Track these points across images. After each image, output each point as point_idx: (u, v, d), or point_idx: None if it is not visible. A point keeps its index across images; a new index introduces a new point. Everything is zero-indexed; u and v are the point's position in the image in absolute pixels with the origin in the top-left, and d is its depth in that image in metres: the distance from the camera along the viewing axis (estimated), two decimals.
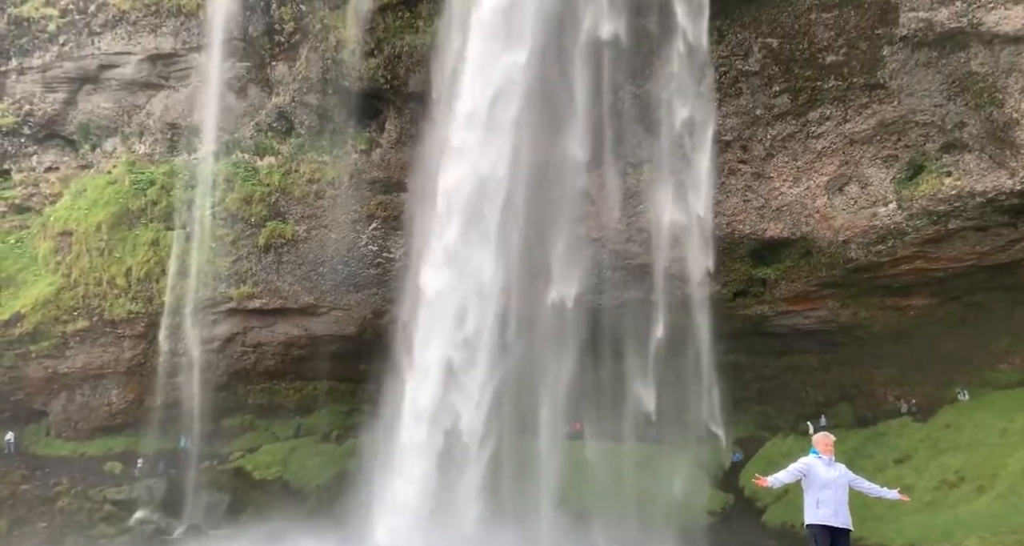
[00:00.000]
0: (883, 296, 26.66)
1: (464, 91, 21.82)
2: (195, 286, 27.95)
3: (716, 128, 22.48)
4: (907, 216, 23.92)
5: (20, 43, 32.34)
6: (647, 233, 23.81)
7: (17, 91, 32.60)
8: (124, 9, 29.56)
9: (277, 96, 27.61)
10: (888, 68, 22.31)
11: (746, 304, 26.53)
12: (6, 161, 33.59)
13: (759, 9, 22.36)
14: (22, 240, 33.07)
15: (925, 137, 23.24)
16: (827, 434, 7.99)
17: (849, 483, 7.62)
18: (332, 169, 26.93)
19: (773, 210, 24.69)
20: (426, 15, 23.97)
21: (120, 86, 30.52)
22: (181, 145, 29.65)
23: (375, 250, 27.56)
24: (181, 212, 28.61)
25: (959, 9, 20.71)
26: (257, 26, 27.06)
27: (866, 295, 26.68)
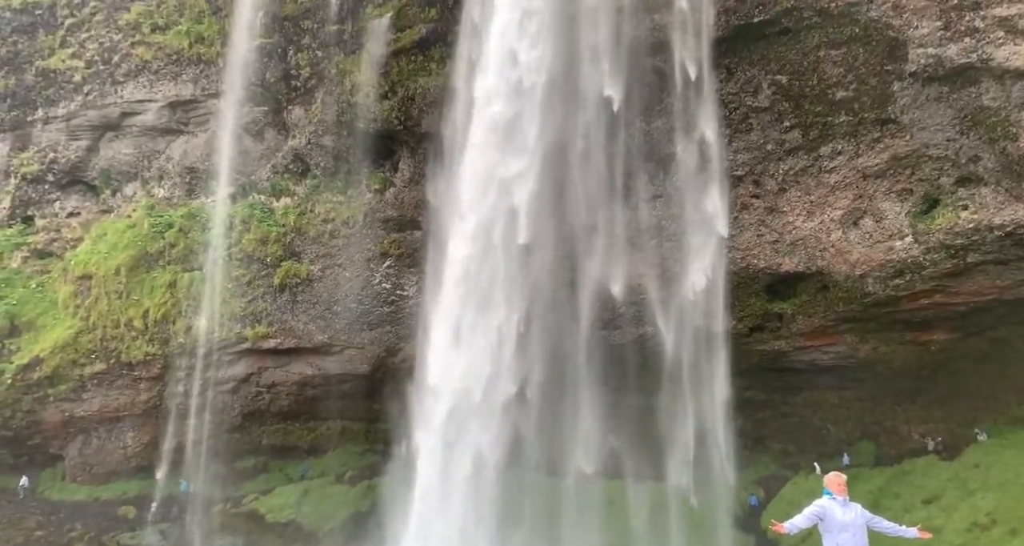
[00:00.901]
0: (903, 331, 26.26)
1: (475, 129, 22.17)
2: (211, 327, 28.13)
3: (727, 163, 22.58)
4: (924, 250, 23.65)
5: (47, 94, 33.37)
6: (661, 268, 23.77)
7: (43, 140, 33.52)
8: (147, 59, 30.52)
9: (293, 139, 28.21)
10: (899, 103, 22.34)
11: (763, 339, 26.24)
12: (30, 207, 34.35)
13: (767, 47, 22.63)
14: (43, 285, 33.57)
15: (939, 171, 23.13)
16: (839, 474, 7.73)
17: (867, 524, 7.38)
18: (347, 208, 27.30)
19: (787, 244, 24.57)
20: (438, 58, 24.54)
21: (141, 132, 31.32)
22: (199, 188, 30.24)
23: (388, 288, 27.64)
24: (198, 254, 28.99)
25: (968, 45, 20.73)
26: (274, 72, 27.82)
27: (885, 330, 26.30)
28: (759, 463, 27.48)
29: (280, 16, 27.95)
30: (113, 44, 31.89)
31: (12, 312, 32.96)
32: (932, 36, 20.91)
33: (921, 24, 20.82)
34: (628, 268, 23.67)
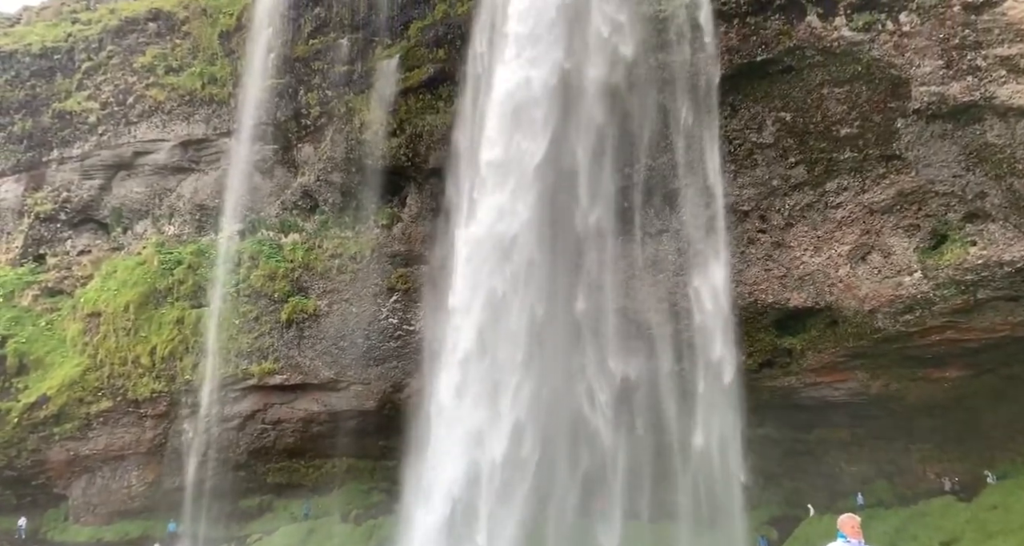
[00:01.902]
0: (915, 367, 25.94)
1: (483, 167, 22.45)
2: (218, 363, 28.13)
3: (733, 198, 22.69)
4: (933, 286, 23.49)
5: (62, 135, 34.02)
6: (668, 303, 23.72)
7: (57, 179, 34.05)
8: (160, 100, 31.20)
9: (302, 176, 28.61)
10: (903, 140, 22.46)
11: (773, 375, 25.97)
12: (42, 246, 34.71)
13: (771, 85, 22.89)
14: (52, 323, 33.71)
15: (946, 207, 23.11)
16: (852, 515, 7.51)
17: None
18: (354, 244, 27.52)
19: (795, 279, 24.48)
20: (446, 96, 25.02)
21: (153, 171, 31.85)
22: (208, 225, 30.58)
23: (395, 323, 27.64)
24: (207, 290, 29.15)
25: (971, 83, 20.88)
26: (285, 111, 28.39)
27: (897, 366, 25.98)
28: (771, 502, 26.94)
29: (291, 57, 28.61)
30: (128, 86, 32.61)
31: (21, 350, 33.05)
32: (934, 74, 21.12)
33: (923, 63, 21.06)
34: (635, 303, 23.66)
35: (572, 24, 22.51)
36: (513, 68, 22.44)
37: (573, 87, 22.35)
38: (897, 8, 21.05)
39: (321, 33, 28.28)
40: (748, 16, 22.28)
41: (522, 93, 22.52)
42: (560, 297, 22.44)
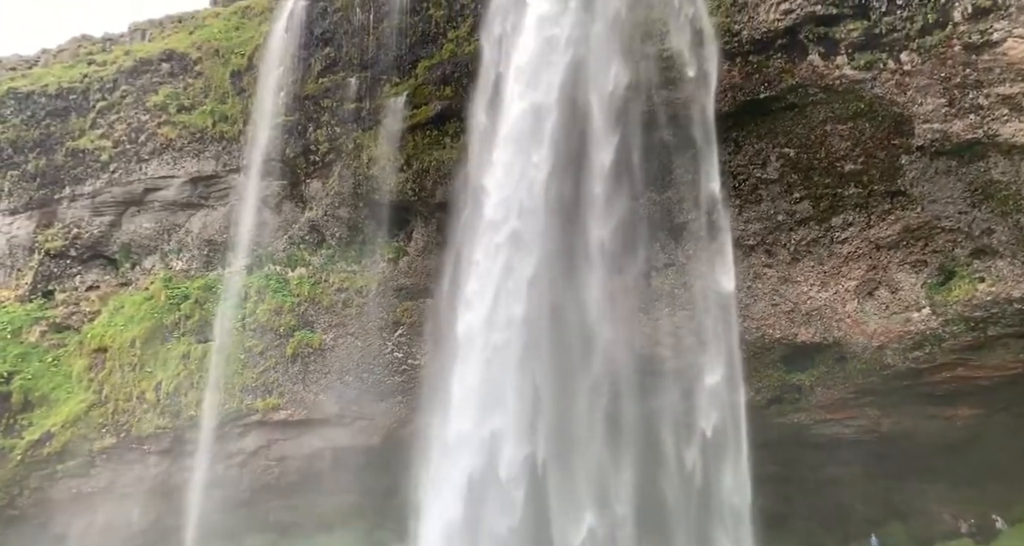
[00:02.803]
0: (926, 405, 25.64)
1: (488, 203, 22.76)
2: (222, 398, 28.05)
3: (739, 233, 22.79)
4: (942, 322, 23.38)
5: (75, 172, 34.52)
6: (675, 337, 23.64)
7: (68, 216, 34.42)
8: (171, 137, 31.77)
9: (310, 210, 28.96)
10: (908, 176, 22.59)
11: (782, 411, 25.71)
12: (51, 282, 34.90)
13: (774, 121, 23.14)
14: (59, 358, 33.68)
15: (953, 243, 23.12)
16: None
17: None
18: (360, 278, 27.67)
19: (803, 314, 24.40)
20: (453, 132, 25.43)
21: (162, 207, 32.24)
22: (216, 260, 30.81)
23: (400, 357, 27.57)
24: (213, 325, 29.23)
25: (973, 121, 21.02)
26: (294, 148, 28.86)
27: (908, 404, 25.67)
28: (782, 543, 26.36)
29: (301, 95, 29.15)
30: (140, 124, 33.19)
31: (27, 386, 32.98)
32: (937, 112, 21.29)
33: (925, 101, 21.27)
34: (642, 338, 23.62)
35: (574, 65, 22.92)
36: (516, 107, 22.75)
37: (576, 124, 22.65)
38: (898, 48, 21.31)
39: (330, 72, 28.89)
40: (750, 55, 22.63)
41: (525, 131, 22.86)
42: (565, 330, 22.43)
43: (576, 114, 22.61)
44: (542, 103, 22.58)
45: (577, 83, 22.85)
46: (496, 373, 22.11)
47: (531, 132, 22.92)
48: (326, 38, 29.26)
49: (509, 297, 22.22)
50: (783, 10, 22.21)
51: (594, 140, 22.56)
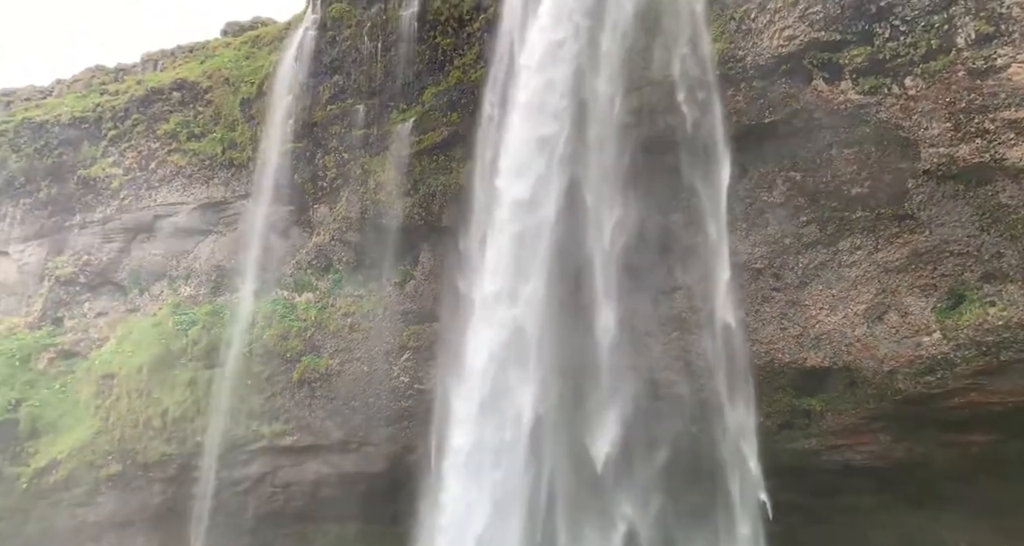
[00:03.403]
0: (939, 431, 25.19)
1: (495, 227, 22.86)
2: (228, 425, 27.99)
3: (745, 256, 22.75)
4: (954, 347, 23.06)
5: (86, 200, 34.97)
6: (684, 361, 23.48)
7: (78, 244, 34.79)
8: (181, 164, 32.24)
9: (317, 235, 29.17)
10: (915, 200, 22.50)
11: (793, 437, 25.34)
12: (60, 309, 35.16)
13: (779, 145, 23.17)
14: (67, 385, 33.79)
15: (962, 267, 22.90)
16: None
17: None
18: (367, 302, 27.72)
19: (812, 338, 24.18)
20: (459, 158, 25.69)
21: (171, 233, 32.58)
22: (224, 286, 31.01)
23: (407, 381, 27.44)
24: (220, 350, 29.28)
25: (980, 145, 20.98)
26: (302, 174, 29.19)
27: (921, 429, 25.26)
28: None
29: (310, 122, 29.56)
30: (151, 152, 33.70)
31: (34, 414, 33.05)
32: (943, 136, 21.29)
33: (931, 125, 21.29)
34: (650, 362, 23.48)
35: (578, 91, 23.15)
36: (520, 131, 22.98)
37: (582, 148, 22.80)
38: (902, 73, 21.42)
39: (339, 99, 29.30)
40: (755, 80, 22.80)
41: (530, 155, 23.05)
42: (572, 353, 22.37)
43: (580, 142, 22.79)
44: (546, 134, 22.76)
45: (579, 111, 23.09)
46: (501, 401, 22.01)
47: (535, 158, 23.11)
48: (335, 66, 29.72)
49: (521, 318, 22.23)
50: (786, 36, 22.43)
51: (600, 166, 22.69)
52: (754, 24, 22.73)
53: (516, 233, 22.83)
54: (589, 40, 23.01)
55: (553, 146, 22.57)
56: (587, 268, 22.48)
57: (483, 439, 21.83)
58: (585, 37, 23.03)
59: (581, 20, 23.05)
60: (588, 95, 22.87)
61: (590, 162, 22.56)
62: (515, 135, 23.36)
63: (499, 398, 21.91)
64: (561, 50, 23.23)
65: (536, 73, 23.56)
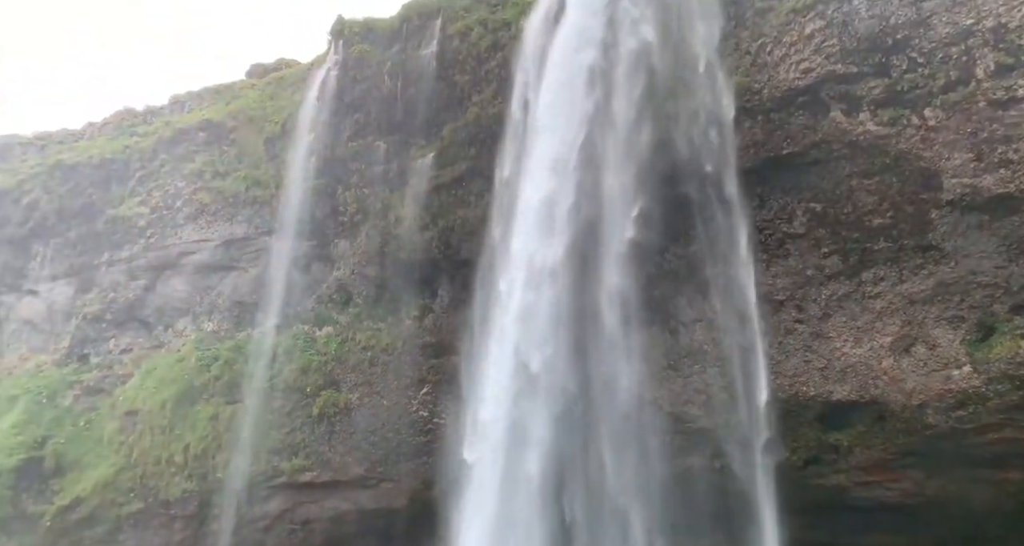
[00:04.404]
0: (973, 468, 24.39)
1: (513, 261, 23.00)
2: (249, 460, 27.96)
3: (767, 288, 22.51)
4: (985, 380, 22.47)
5: (113, 239, 35.72)
6: (705, 394, 23.13)
7: (105, 281, 35.45)
8: (206, 202, 32.93)
9: (338, 270, 29.46)
10: (939, 230, 22.19)
11: (820, 473, 24.68)
12: (86, 346, 35.65)
13: (799, 176, 23.10)
14: (91, 422, 34.07)
15: (991, 298, 22.44)
16: None
17: None
18: (387, 335, 27.77)
19: (837, 371, 23.72)
20: (477, 191, 25.94)
21: (196, 270, 33.09)
22: (246, 321, 31.29)
23: (425, 416, 27.28)
24: (241, 385, 29.42)
25: (1004, 176, 20.77)
26: (323, 209, 29.66)
27: (954, 466, 24.48)
28: None
29: (331, 159, 30.11)
30: (177, 191, 34.47)
31: (59, 451, 33.29)
32: (965, 167, 21.09)
33: (953, 156, 21.11)
34: (672, 395, 23.18)
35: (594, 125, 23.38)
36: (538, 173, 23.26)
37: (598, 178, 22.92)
38: (921, 104, 21.35)
39: (360, 136, 29.85)
40: (772, 112, 22.86)
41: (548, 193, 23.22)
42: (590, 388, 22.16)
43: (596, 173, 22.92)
44: (559, 153, 22.96)
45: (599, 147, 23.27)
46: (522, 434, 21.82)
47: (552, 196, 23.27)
48: (356, 105, 30.33)
49: (533, 356, 22.11)
50: (803, 69, 22.52)
51: (619, 198, 22.76)
52: (770, 57, 22.87)
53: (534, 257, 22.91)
54: (604, 73, 23.28)
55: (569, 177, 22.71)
56: (606, 298, 22.37)
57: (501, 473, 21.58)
58: (599, 71, 23.31)
59: (595, 54, 23.37)
60: (604, 128, 23.04)
61: (606, 193, 22.63)
62: (531, 167, 23.56)
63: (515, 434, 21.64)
64: (576, 84, 23.51)
65: (552, 109, 23.82)
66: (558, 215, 22.56)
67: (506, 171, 24.34)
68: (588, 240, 22.38)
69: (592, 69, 23.36)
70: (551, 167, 23.02)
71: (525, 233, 22.98)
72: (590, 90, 23.29)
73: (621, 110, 22.80)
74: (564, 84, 23.68)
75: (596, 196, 22.45)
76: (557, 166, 22.98)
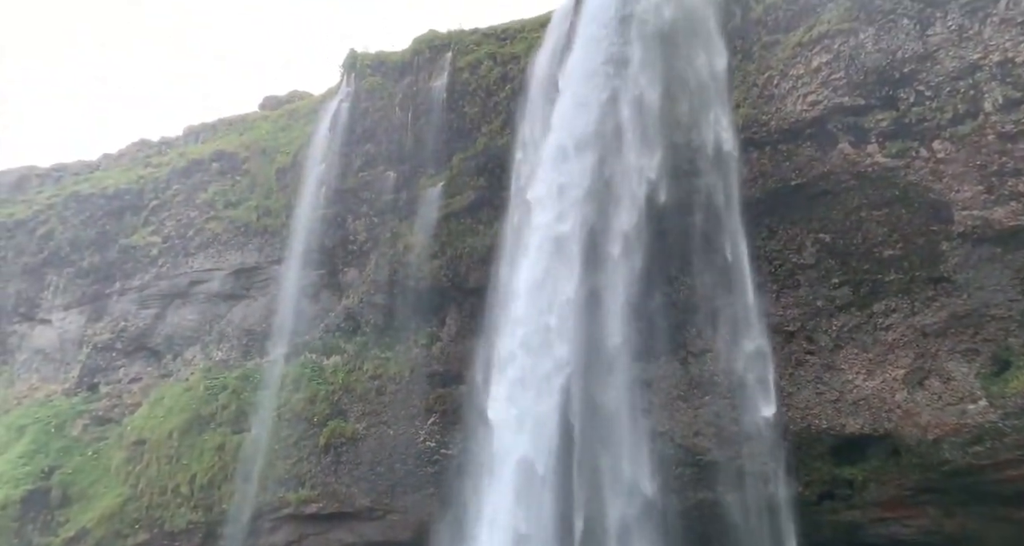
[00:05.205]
0: (993, 505, 23.84)
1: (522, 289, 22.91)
2: (255, 491, 27.71)
3: (778, 319, 22.33)
4: (1002, 415, 22.07)
5: (125, 268, 35.96)
6: (716, 427, 22.80)
7: (116, 310, 35.59)
8: (217, 231, 33.21)
9: (347, 298, 29.59)
10: (950, 262, 22.04)
11: (834, 508, 24.16)
12: (96, 375, 35.68)
13: (808, 207, 23.08)
14: (99, 452, 33.93)
15: (1005, 332, 22.15)
16: None
17: None
18: (394, 364, 27.74)
19: (850, 404, 23.38)
20: (486, 220, 26.23)
21: (206, 299, 33.24)
22: (255, 350, 31.33)
23: (432, 446, 27.07)
24: (249, 415, 29.31)
25: (1015, 208, 20.67)
26: (333, 238, 29.92)
27: (972, 503, 23.97)
28: None
29: (341, 189, 30.49)
30: (189, 220, 34.82)
31: (66, 482, 33.11)
32: (976, 199, 21.01)
33: (962, 188, 21.05)
34: (682, 426, 22.87)
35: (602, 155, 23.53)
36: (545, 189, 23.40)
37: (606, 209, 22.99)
38: (929, 136, 21.37)
39: (370, 166, 30.27)
40: (780, 143, 22.95)
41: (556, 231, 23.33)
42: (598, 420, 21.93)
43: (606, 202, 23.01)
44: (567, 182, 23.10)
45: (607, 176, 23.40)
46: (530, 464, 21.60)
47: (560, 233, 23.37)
48: (367, 135, 30.79)
49: (540, 389, 21.98)
50: (810, 101, 22.63)
51: (627, 228, 22.79)
52: (777, 90, 23.02)
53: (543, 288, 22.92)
54: (611, 109, 23.51)
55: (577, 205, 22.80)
56: (613, 326, 22.27)
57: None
58: (607, 106, 23.55)
59: (604, 87, 23.62)
60: (612, 158, 23.20)
61: (614, 223, 22.68)
62: (541, 195, 23.67)
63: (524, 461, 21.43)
64: (585, 118, 23.74)
65: (560, 141, 24.02)
66: (568, 245, 22.63)
67: (514, 201, 24.53)
68: (597, 267, 22.37)
69: (599, 102, 23.60)
70: (560, 198, 23.14)
71: (535, 262, 23.02)
72: (599, 123, 23.52)
73: (629, 142, 22.97)
74: (572, 117, 23.93)
75: (605, 226, 22.51)
76: (565, 195, 23.10)
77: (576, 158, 23.57)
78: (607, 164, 23.21)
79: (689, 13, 23.21)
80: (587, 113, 23.73)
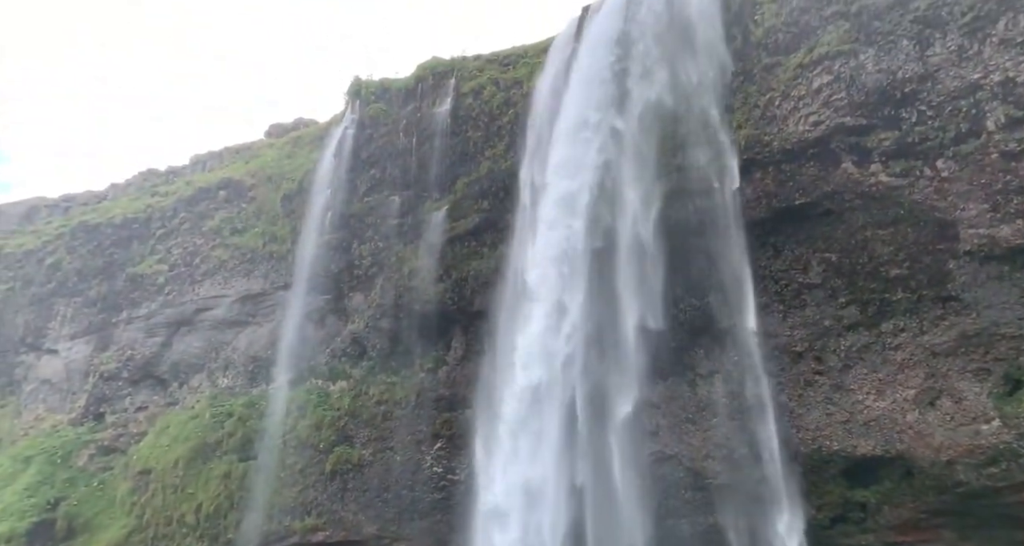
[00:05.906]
0: (1012, 529, 23.37)
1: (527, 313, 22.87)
2: (261, 520, 27.45)
3: (785, 339, 22.17)
4: (1016, 436, 21.73)
5: (132, 296, 36.07)
6: (726, 449, 22.52)
7: (123, 339, 35.63)
8: (223, 259, 33.32)
9: (352, 323, 29.59)
10: (958, 281, 21.89)
11: (847, 532, 23.73)
12: (102, 404, 35.60)
13: (813, 226, 23.05)
14: (105, 482, 33.73)
15: (1017, 351, 21.89)
16: None
17: None
18: (400, 389, 27.66)
19: (860, 425, 23.08)
20: (490, 243, 26.30)
21: (212, 326, 33.25)
22: (260, 376, 31.26)
23: (440, 472, 26.85)
24: (255, 442, 29.14)
25: (1021, 226, 20.58)
26: (338, 263, 30.01)
27: (989, 526, 23.51)
28: None
29: (347, 214, 30.67)
30: (196, 248, 34.97)
31: (71, 513, 32.90)
32: (981, 217, 20.91)
33: (967, 206, 20.97)
34: (691, 450, 22.58)
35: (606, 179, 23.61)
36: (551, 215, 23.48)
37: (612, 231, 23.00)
38: (933, 155, 21.35)
39: (375, 191, 30.47)
40: (783, 164, 22.97)
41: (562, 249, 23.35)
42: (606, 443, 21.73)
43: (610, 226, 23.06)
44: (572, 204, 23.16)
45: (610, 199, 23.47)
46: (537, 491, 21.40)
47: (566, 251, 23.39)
48: (372, 161, 31.03)
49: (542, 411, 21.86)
50: (812, 122, 22.69)
51: (633, 247, 22.79)
52: (778, 110, 23.11)
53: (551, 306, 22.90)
54: (613, 132, 23.66)
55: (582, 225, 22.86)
56: (620, 348, 22.15)
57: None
58: (609, 129, 23.71)
59: (605, 113, 23.80)
60: (617, 180, 23.27)
61: (621, 244, 22.68)
62: (546, 217, 23.72)
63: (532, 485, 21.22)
64: (588, 141, 23.88)
65: (564, 164, 24.15)
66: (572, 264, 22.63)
67: (519, 222, 24.61)
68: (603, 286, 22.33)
69: (601, 125, 23.76)
70: (563, 218, 23.20)
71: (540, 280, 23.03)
72: (601, 146, 23.65)
73: (632, 164, 23.07)
74: (575, 138, 24.07)
75: (611, 242, 22.54)
76: (571, 214, 23.16)
77: (580, 180, 23.66)
78: (611, 185, 23.28)
79: (690, 35, 23.43)
80: (590, 134, 23.87)
